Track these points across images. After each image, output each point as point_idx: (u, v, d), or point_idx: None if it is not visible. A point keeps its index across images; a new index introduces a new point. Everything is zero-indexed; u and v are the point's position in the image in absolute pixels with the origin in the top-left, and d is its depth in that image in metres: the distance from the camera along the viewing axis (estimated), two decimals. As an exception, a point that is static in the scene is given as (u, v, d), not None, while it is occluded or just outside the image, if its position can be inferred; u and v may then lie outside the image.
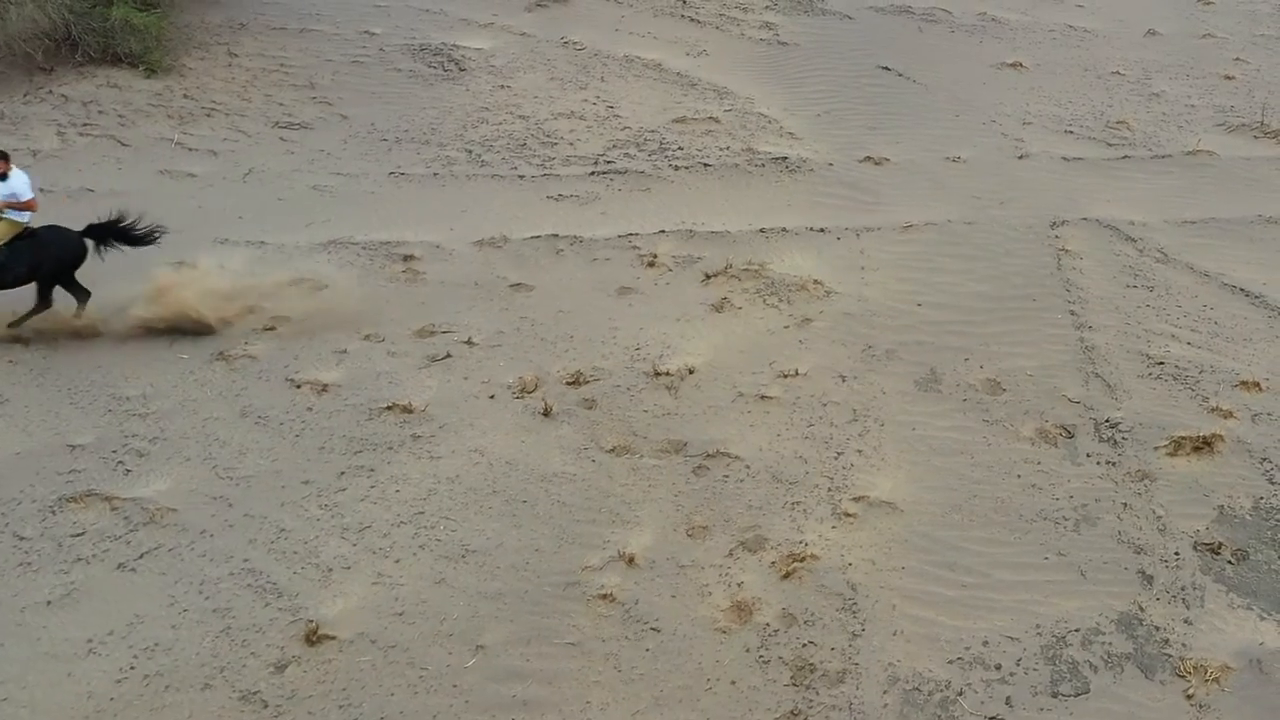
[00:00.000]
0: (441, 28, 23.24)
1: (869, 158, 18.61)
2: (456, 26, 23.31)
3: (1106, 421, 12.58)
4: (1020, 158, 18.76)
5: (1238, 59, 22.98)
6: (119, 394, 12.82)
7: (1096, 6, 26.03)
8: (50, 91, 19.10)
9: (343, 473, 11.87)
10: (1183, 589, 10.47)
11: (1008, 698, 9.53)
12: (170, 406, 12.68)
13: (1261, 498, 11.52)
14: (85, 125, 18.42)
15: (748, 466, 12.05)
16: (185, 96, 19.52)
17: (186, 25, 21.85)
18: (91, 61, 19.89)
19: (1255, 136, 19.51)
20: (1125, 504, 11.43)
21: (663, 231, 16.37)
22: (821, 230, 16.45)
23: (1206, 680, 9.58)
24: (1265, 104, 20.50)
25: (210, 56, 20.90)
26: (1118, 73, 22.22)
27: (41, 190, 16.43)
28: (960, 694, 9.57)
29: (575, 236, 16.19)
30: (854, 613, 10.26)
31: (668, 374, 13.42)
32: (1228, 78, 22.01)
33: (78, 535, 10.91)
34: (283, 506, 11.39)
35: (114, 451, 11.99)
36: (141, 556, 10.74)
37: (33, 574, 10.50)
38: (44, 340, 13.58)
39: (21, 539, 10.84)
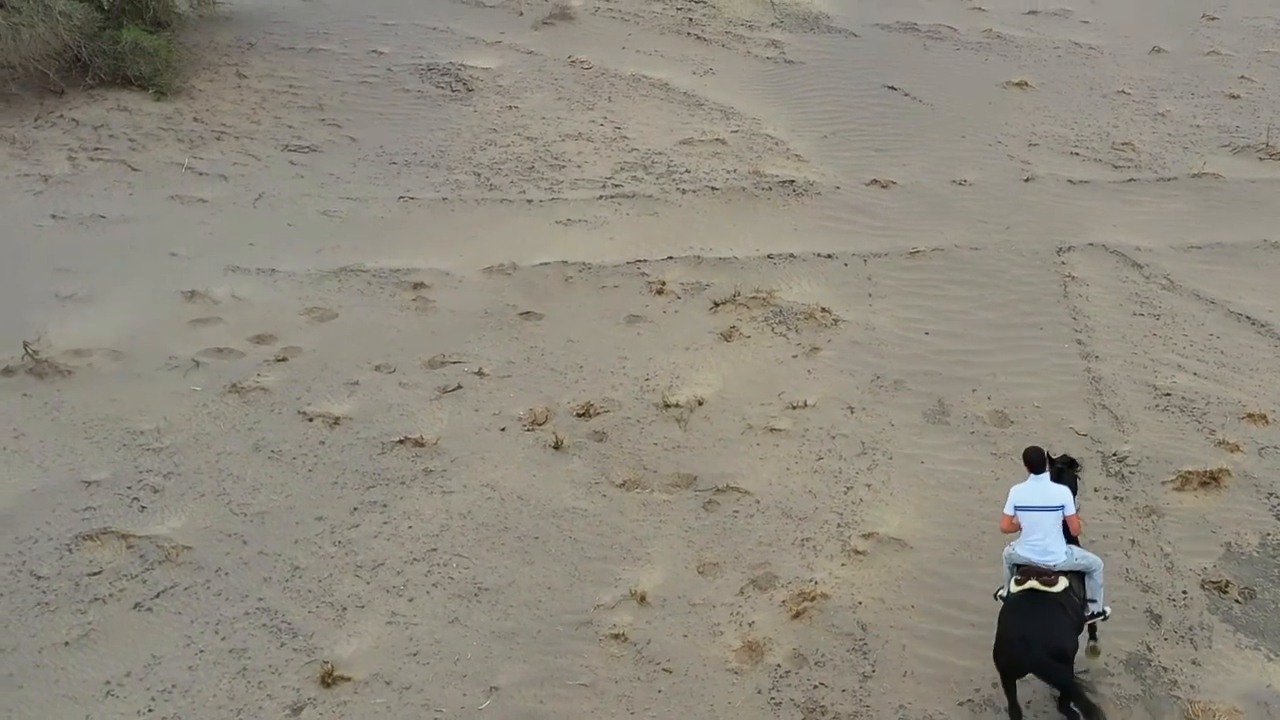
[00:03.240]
0: (449, 46, 23.31)
1: (875, 180, 18.66)
2: (464, 45, 23.38)
3: (1114, 455, 12.64)
4: (1026, 180, 18.81)
5: (1243, 77, 22.97)
6: (133, 428, 12.92)
7: (1101, 22, 26.03)
8: (61, 115, 19.19)
9: (356, 508, 11.97)
10: (1190, 629, 10.54)
11: (1017, 740, 9.60)
12: (184, 441, 12.78)
13: (1268, 534, 11.59)
14: (96, 150, 18.51)
15: (757, 501, 12.13)
16: (195, 119, 19.61)
17: (195, 45, 21.94)
18: (102, 84, 19.99)
19: (1260, 158, 19.54)
20: (1133, 540, 11.51)
21: (671, 258, 16.44)
22: (829, 256, 16.52)
23: (1214, 723, 9.66)
24: (1270, 124, 20.54)
25: (220, 78, 20.99)
26: (1123, 91, 22.24)
27: (54, 217, 16.61)
28: (970, 737, 9.65)
29: (584, 263, 16.28)
30: (864, 654, 10.34)
31: (677, 405, 13.51)
32: (1233, 96, 22.02)
33: (94, 574, 11.01)
34: (297, 544, 11.49)
35: (129, 487, 12.09)
36: (158, 596, 10.84)
37: (50, 614, 10.60)
38: (58, 373, 13.65)
39: (39, 578, 10.95)
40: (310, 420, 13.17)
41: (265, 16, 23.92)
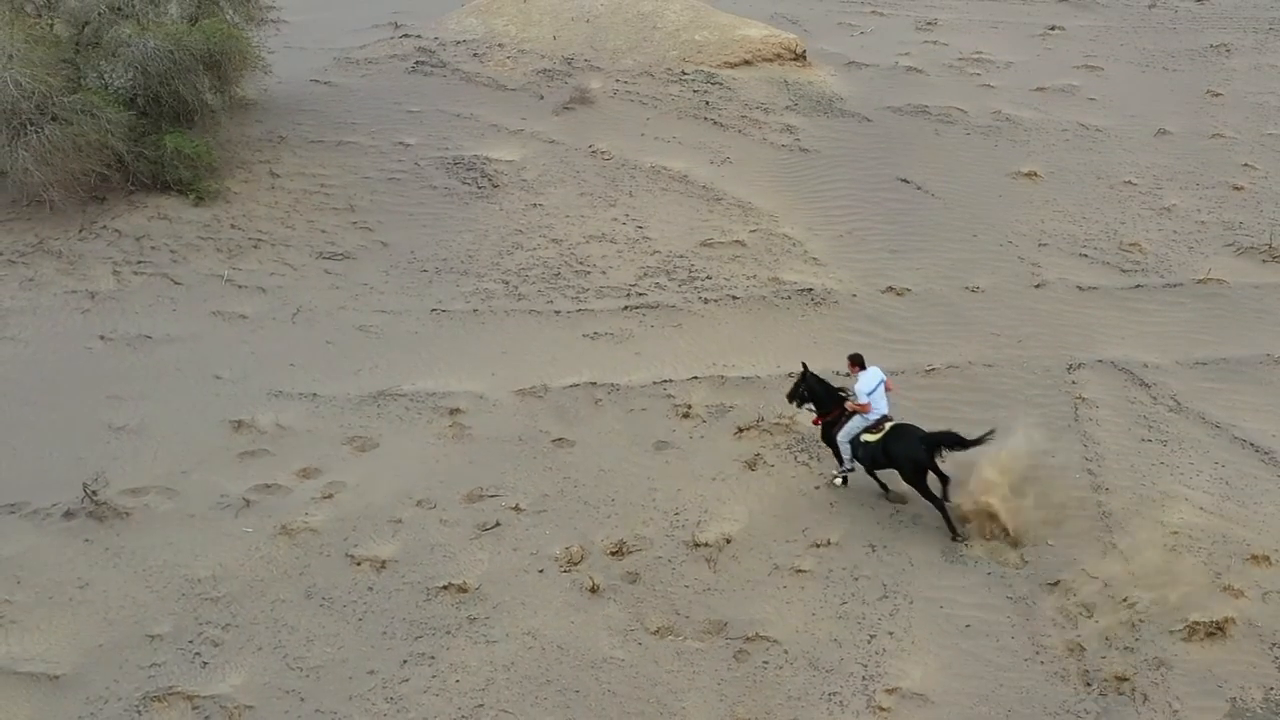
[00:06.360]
0: (473, 135, 23.98)
1: (891, 288, 19.30)
2: (487, 134, 24.04)
3: (1124, 601, 13.25)
4: (1037, 286, 19.42)
5: (1246, 164, 23.58)
6: (191, 575, 13.58)
7: (1108, 99, 26.68)
8: (104, 226, 19.86)
9: (405, 661, 12.63)
10: (1198, 796, 11.18)
11: None
12: (239, 588, 13.44)
13: (1272, 689, 12.22)
14: (139, 263, 19.18)
15: (786, 651, 12.78)
16: (233, 226, 20.27)
17: (229, 141, 22.61)
18: (142, 188, 20.65)
19: (1264, 260, 20.14)
20: (1145, 695, 12.14)
21: (695, 378, 17.09)
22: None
23: None
24: (1274, 221, 21.14)
25: (253, 178, 21.65)
26: (1130, 182, 22.86)
27: (102, 338, 17.28)
28: None
29: (612, 385, 16.92)
30: (891, 822, 10.99)
31: (706, 545, 14.15)
32: (1237, 188, 22.63)
33: (163, 739, 11.68)
34: (351, 700, 12.15)
35: (190, 641, 12.75)
36: (223, 760, 11.51)
37: (125, 782, 11.27)
38: (117, 515, 14.32)
39: (111, 744, 11.61)
40: (358, 564, 13.83)
41: (294, 105, 24.61)
